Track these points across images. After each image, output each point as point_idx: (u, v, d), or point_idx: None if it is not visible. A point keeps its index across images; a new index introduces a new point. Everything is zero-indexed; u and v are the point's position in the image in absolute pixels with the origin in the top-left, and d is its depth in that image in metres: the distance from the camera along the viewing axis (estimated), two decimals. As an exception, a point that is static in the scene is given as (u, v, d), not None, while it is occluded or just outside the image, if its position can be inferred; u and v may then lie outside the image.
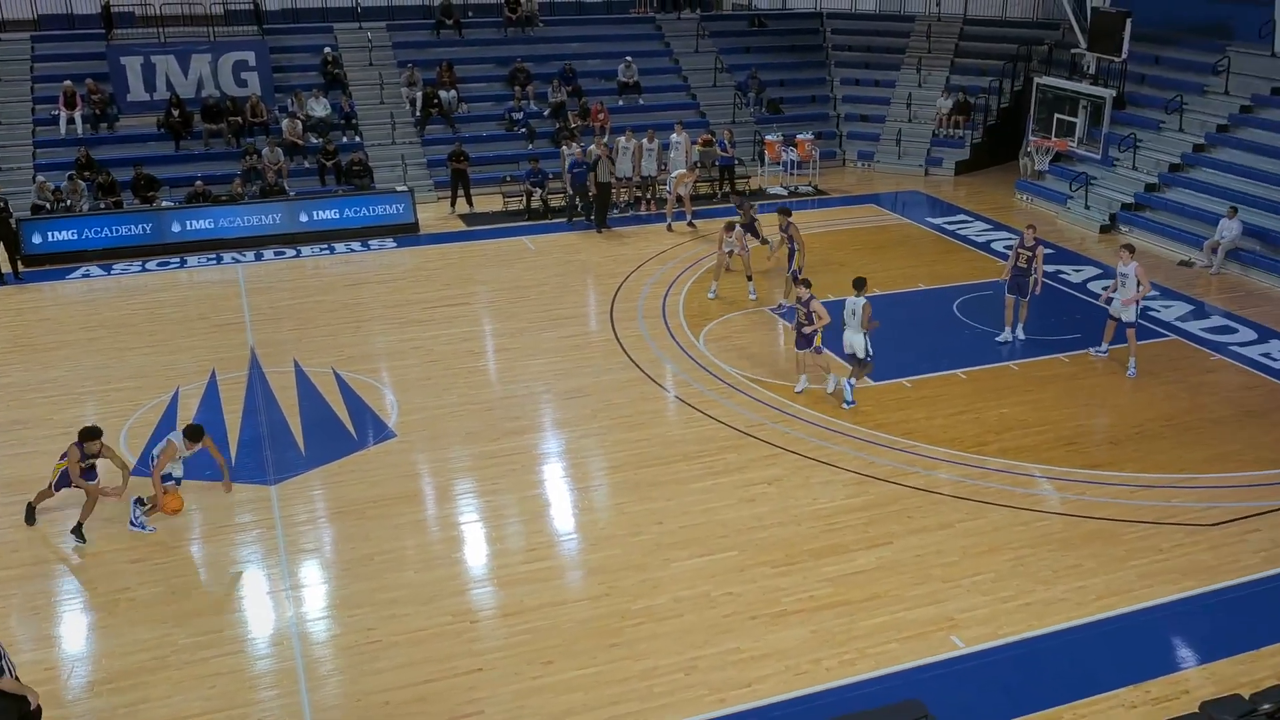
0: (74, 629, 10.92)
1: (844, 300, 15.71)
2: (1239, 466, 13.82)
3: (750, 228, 20.06)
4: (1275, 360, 17.08)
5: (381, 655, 10.45)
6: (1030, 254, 17.15)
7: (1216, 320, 18.87)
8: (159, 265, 22.33)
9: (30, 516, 12.71)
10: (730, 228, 19.69)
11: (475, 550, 12.28)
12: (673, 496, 13.18)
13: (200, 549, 12.28)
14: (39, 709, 8.94)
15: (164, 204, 23.84)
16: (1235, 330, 18.37)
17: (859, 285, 15.51)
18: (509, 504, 13.11)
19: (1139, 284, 16.19)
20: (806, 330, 15.58)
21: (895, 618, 10.89)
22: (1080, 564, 11.75)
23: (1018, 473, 13.73)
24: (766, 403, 15.61)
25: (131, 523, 12.51)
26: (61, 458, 12.48)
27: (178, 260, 22.58)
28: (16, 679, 8.88)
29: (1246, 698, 9.06)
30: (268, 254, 22.96)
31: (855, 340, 15.36)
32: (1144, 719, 9.36)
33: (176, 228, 23.10)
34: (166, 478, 12.32)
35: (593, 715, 9.67)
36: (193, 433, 12.39)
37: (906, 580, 11.49)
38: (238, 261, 22.48)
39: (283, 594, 11.43)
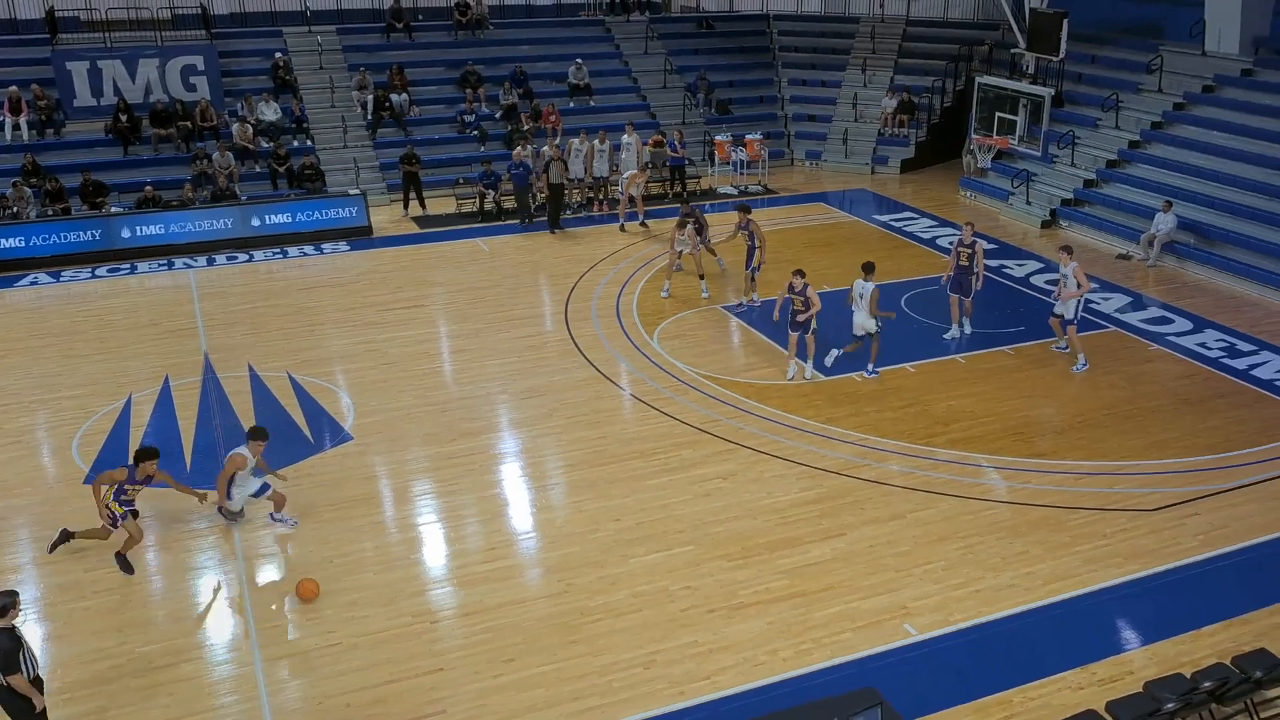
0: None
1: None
2: (1177, 453, 14.11)
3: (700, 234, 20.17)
4: (1210, 349, 17.46)
5: (342, 658, 10.35)
6: (970, 251, 17.37)
7: (1154, 311, 19.24)
8: (109, 272, 21.94)
9: (61, 539, 11.89)
10: (682, 226, 19.74)
11: (434, 551, 12.20)
12: (629, 493, 13.20)
13: (156, 556, 12.08)
14: (43, 712, 8.96)
15: (113, 210, 23.41)
16: (1172, 321, 18.75)
17: (868, 269, 16.13)
18: (467, 504, 13.04)
19: (1078, 284, 16.45)
20: (801, 318, 15.92)
21: (849, 607, 10.99)
22: (1027, 550, 11.93)
23: (966, 463, 13.91)
24: (720, 399, 15.68)
25: (273, 517, 12.52)
26: (102, 483, 11.58)
27: (128, 266, 22.20)
28: (34, 679, 8.86)
29: (1188, 676, 9.28)
30: (220, 259, 22.64)
31: (866, 322, 16.10)
32: (1090, 700, 9.52)
33: (126, 234, 22.71)
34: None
35: (554, 711, 9.65)
36: (256, 433, 12.17)
37: (860, 570, 11.60)
38: (189, 267, 22.14)
39: (241, 599, 11.29)
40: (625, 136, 25.63)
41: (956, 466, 13.82)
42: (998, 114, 26.25)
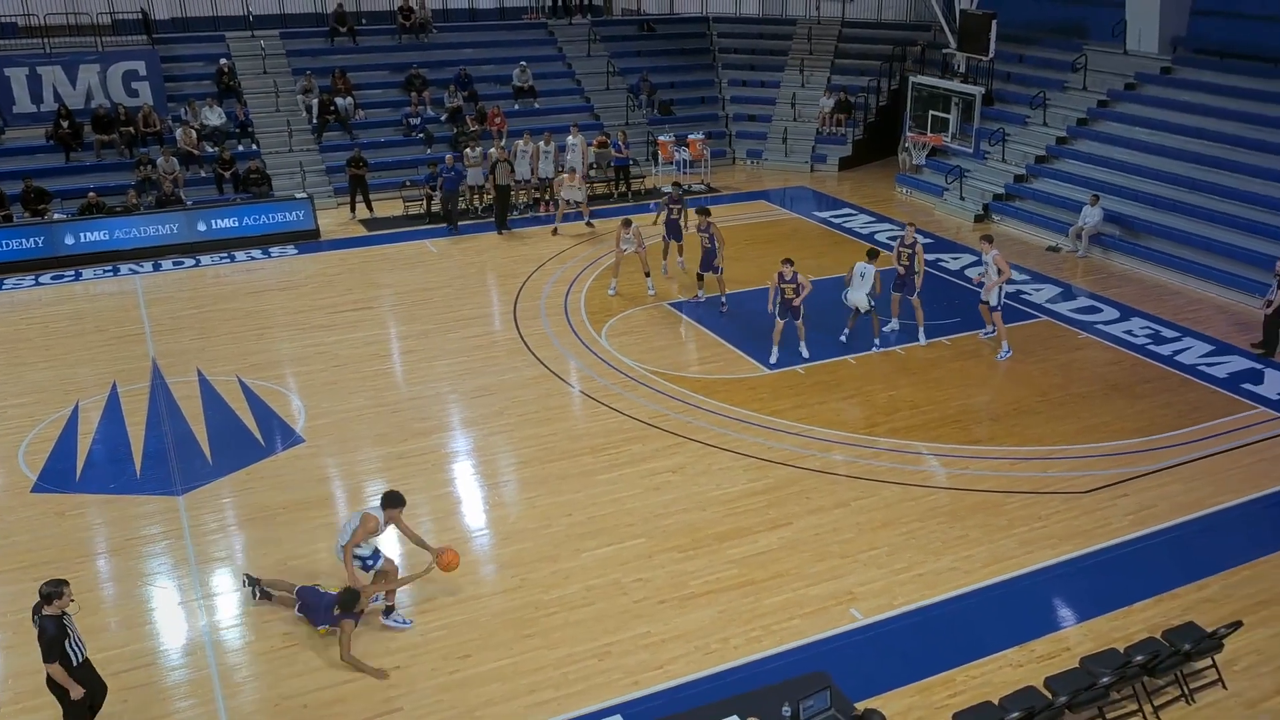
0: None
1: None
2: (1107, 436, 14.42)
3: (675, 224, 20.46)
4: (1136, 337, 17.86)
5: (297, 658, 10.23)
6: (910, 251, 17.54)
7: (1083, 301, 19.63)
8: (53, 279, 21.43)
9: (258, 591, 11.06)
10: (627, 224, 19.72)
11: (387, 550, 12.05)
12: (580, 488, 13.19)
13: (107, 563, 11.84)
14: (90, 702, 8.95)
15: (56, 217, 22.85)
16: (1100, 310, 19.14)
17: (872, 255, 17.19)
18: (420, 503, 12.94)
19: (999, 270, 16.76)
20: (796, 302, 16.36)
21: (798, 594, 11.08)
22: (966, 534, 12.12)
23: (907, 451, 14.09)
24: (668, 394, 15.72)
25: (386, 618, 10.78)
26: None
27: (72, 273, 21.70)
28: (82, 662, 8.80)
29: (1121, 651, 9.49)
30: (166, 264, 22.23)
31: (858, 297, 16.94)
32: (1029, 676, 9.70)
33: (70, 240, 22.20)
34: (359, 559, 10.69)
35: (511, 705, 9.63)
36: (391, 499, 10.77)
37: (807, 558, 11.71)
38: (135, 273, 21.71)
39: (194, 603, 11.11)
40: (570, 138, 25.57)
41: (898, 455, 13.99)
42: (931, 112, 26.62)
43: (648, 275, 19.96)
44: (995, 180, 25.57)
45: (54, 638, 8.55)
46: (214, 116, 26.47)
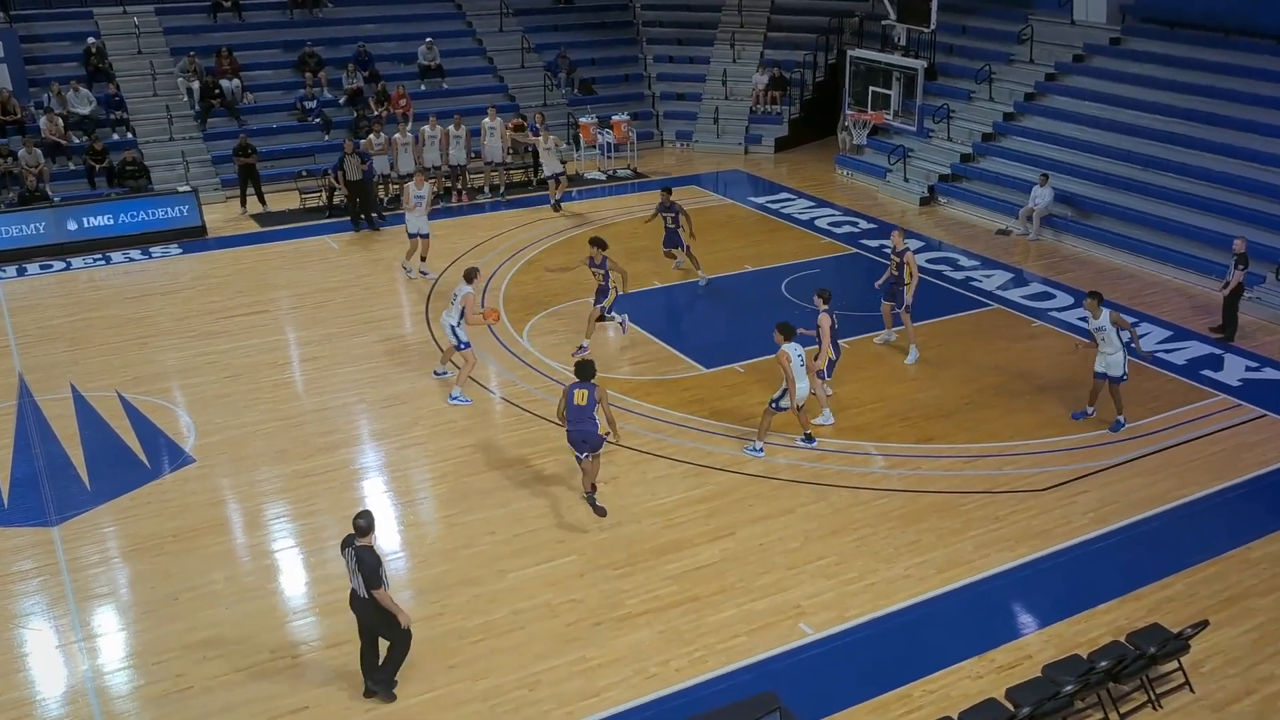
0: None
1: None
2: (1065, 430, 14.78)
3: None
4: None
5: (194, 702, 10.04)
6: (900, 260, 16.78)
7: (1035, 287, 20.10)
8: (-99, 287, 20.75)
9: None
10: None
11: (293, 578, 11.92)
12: (504, 504, 13.14)
13: (-27, 604, 11.49)
14: (408, 632, 9.81)
15: (-97, 217, 22.12)
16: (1053, 296, 19.62)
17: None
18: (327, 525, 12.77)
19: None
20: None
21: (742, 610, 11.17)
22: (920, 539, 12.33)
23: (855, 452, 14.29)
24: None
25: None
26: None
27: (-76, 280, 21.03)
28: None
29: (1085, 657, 9.73)
30: (32, 268, 21.65)
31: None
32: (990, 688, 9.90)
33: (-80, 243, 21.52)
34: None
35: (433, 743, 9.55)
36: (469, 274, 15.45)
37: (751, 570, 11.80)
38: (-3, 278, 21.13)
39: (74, 646, 10.84)
40: (487, 120, 25.48)
41: (845, 456, 14.18)
42: (871, 88, 27.00)
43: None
44: (941, 160, 26.05)
45: (375, 566, 9.48)
46: (82, 102, 25.83)
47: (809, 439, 14.33)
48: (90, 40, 27.31)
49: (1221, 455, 14.10)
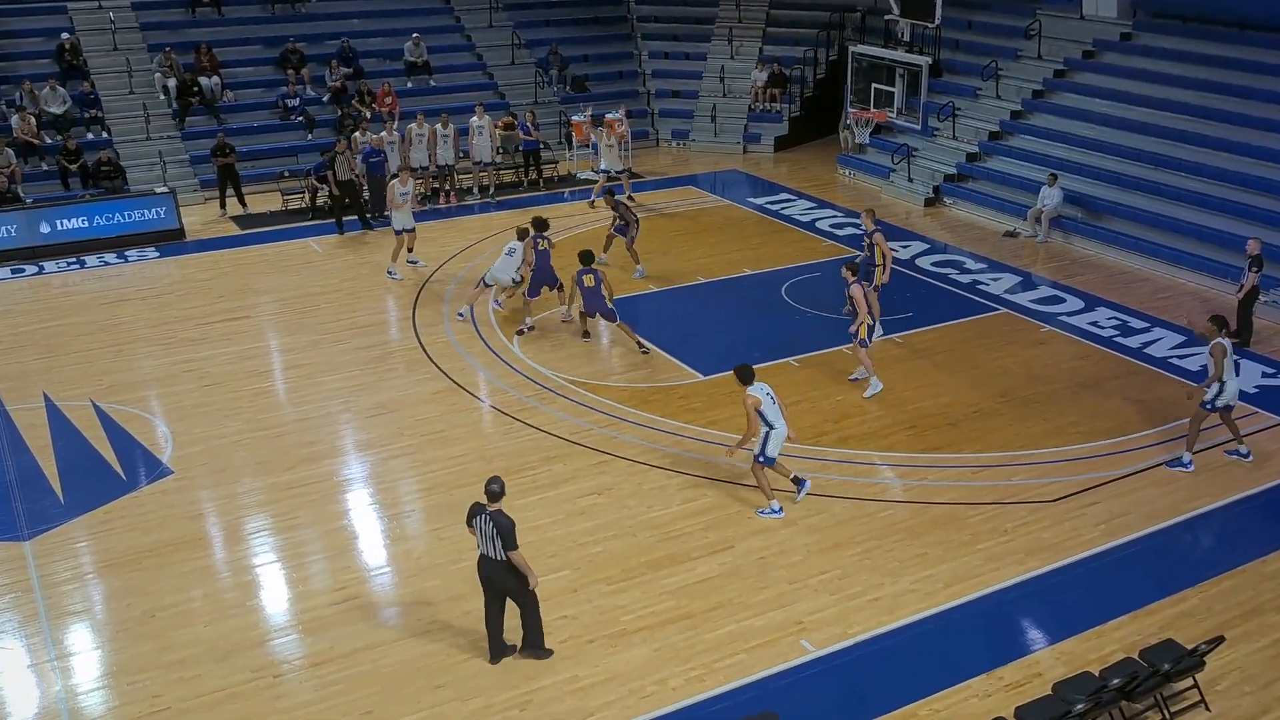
0: None
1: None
2: (1075, 439, 14.80)
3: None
4: (1102, 328, 18.37)
5: (171, 725, 10.02)
6: (869, 240, 17.67)
7: (1044, 291, 20.13)
8: None
9: None
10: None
11: (274, 595, 11.90)
12: (495, 516, 13.10)
13: (-59, 623, 11.47)
14: (534, 594, 10.46)
15: None
16: (1063, 300, 19.65)
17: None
18: (310, 539, 12.76)
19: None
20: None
21: (742, 626, 11.16)
22: (926, 552, 12.33)
23: (859, 462, 14.29)
24: (591, 406, 15.72)
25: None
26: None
27: (-109, 285, 21.00)
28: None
29: (1097, 674, 9.73)
30: (3, 272, 21.64)
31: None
32: (998, 706, 9.90)
33: (-114, 247, 21.50)
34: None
35: (421, 766, 9.54)
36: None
37: (751, 585, 11.80)
38: (-34, 283, 21.10)
39: (47, 666, 10.81)
40: (475, 119, 25.51)
41: (848, 466, 14.19)
42: (874, 85, 27.06)
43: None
44: (946, 159, 26.09)
45: (510, 527, 10.15)
46: (56, 101, 25.82)
47: (799, 483, 13.29)
48: (64, 36, 27.29)
49: (1237, 465, 14.12)
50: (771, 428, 12.72)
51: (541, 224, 18.32)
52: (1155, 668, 9.64)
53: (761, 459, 12.91)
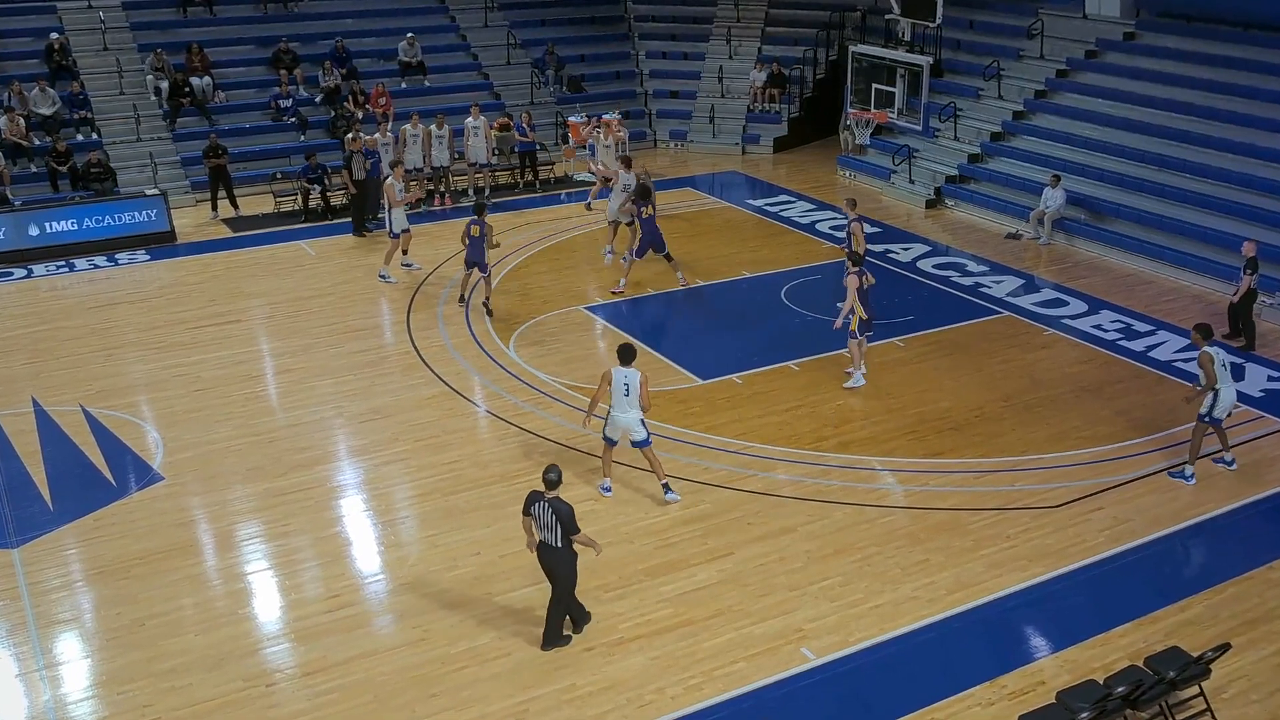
0: None
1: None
2: (1079, 444, 14.80)
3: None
4: (1106, 332, 18.39)
5: (162, 735, 10.00)
6: (848, 230, 18.07)
7: (1047, 294, 20.15)
8: None
9: None
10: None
11: (266, 603, 11.89)
12: (490, 522, 13.11)
13: (-72, 631, 11.45)
14: (571, 581, 10.82)
15: None
16: (1066, 303, 19.67)
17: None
18: (303, 546, 12.75)
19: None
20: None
21: (741, 634, 11.15)
22: (928, 559, 12.33)
23: (859, 467, 14.29)
24: (587, 411, 15.68)
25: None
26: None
27: (-123, 289, 20.98)
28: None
29: (1101, 682, 9.73)
30: (-9, 276, 21.65)
31: None
32: (1002, 715, 9.90)
33: (-127, 250, 21.49)
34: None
35: (415, 777, 9.53)
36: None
37: (750, 592, 11.79)
38: (-46, 286, 21.08)
39: (35, 675, 10.79)
40: (471, 119, 25.51)
41: (849, 472, 14.19)
42: (875, 86, 27.10)
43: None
44: (947, 161, 26.13)
45: (570, 512, 10.54)
46: (45, 102, 25.81)
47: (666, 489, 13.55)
48: (53, 36, 27.27)
49: (1243, 470, 14.13)
50: (610, 409, 13.24)
51: (645, 192, 19.95)
52: (1160, 676, 9.64)
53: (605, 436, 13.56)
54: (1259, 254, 17.67)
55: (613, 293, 19.88)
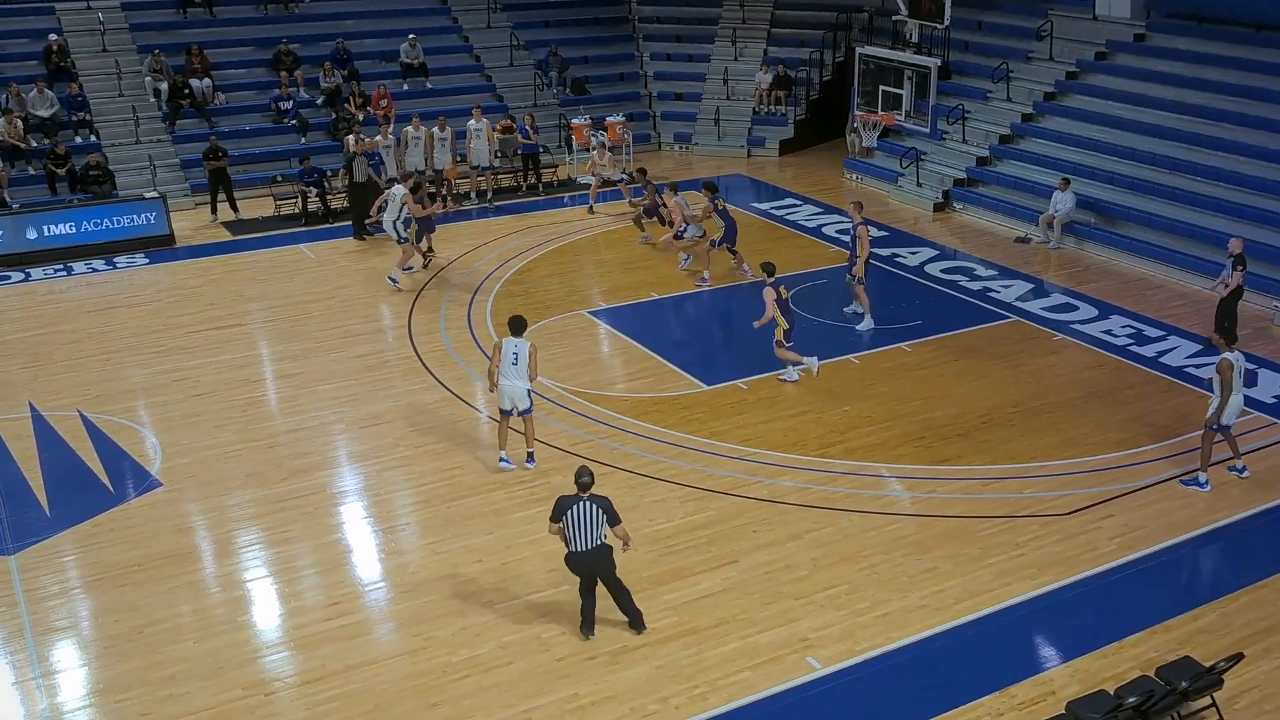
0: None
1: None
2: (1089, 450, 14.77)
3: (653, 210, 21.32)
4: (1116, 336, 18.36)
5: (159, 744, 10.00)
6: (853, 233, 18.17)
7: (1057, 298, 20.12)
8: None
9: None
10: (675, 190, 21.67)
11: (266, 610, 11.88)
12: (492, 529, 13.11)
13: (-77, 639, 11.45)
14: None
15: None
16: (1076, 308, 19.64)
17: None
18: (303, 553, 12.75)
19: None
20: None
21: (746, 643, 11.14)
22: (936, 567, 12.31)
23: (866, 474, 14.27)
24: (591, 417, 15.71)
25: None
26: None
27: (-127, 292, 21.02)
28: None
29: (1112, 693, 9.70)
30: (-11, 279, 21.69)
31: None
32: (1011, 726, 9.89)
33: None
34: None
35: (416, 787, 9.52)
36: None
37: (755, 600, 11.77)
38: (-49, 290, 21.12)
39: (31, 683, 10.79)
40: (473, 122, 25.53)
41: (855, 479, 14.17)
42: (882, 88, 26.93)
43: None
44: (955, 164, 26.12)
45: (610, 504, 10.90)
46: (43, 104, 25.86)
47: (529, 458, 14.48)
48: (51, 37, 27.32)
49: (1256, 476, 14.09)
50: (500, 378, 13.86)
51: (713, 188, 21.15)
52: (1172, 686, 9.61)
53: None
54: (1257, 253, 17.70)
55: (696, 285, 20.54)
